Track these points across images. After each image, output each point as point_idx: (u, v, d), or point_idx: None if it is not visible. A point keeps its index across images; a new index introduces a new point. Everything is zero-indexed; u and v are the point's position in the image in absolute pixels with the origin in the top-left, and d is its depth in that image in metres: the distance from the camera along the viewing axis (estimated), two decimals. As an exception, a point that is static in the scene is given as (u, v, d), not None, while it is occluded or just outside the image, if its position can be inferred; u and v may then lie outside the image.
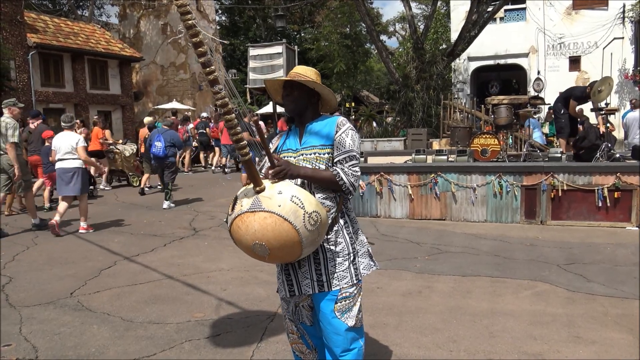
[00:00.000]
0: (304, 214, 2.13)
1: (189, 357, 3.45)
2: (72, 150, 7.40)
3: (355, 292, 2.47)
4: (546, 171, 7.44)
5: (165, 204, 9.50)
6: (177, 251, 6.36)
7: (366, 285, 3.69)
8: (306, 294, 2.47)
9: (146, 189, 11.56)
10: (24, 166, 7.77)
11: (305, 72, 2.50)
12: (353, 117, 23.23)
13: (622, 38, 19.04)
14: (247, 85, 14.96)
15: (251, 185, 2.23)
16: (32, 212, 7.88)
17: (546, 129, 14.47)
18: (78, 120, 11.62)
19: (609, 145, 8.16)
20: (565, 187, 7.32)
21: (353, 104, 26.63)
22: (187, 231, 7.50)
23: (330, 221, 2.40)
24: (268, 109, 22.03)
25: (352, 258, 2.48)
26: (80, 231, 7.45)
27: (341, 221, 2.48)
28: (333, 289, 2.42)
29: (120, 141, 14.50)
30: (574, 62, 20.03)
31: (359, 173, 2.43)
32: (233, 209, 2.25)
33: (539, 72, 19.76)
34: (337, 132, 2.43)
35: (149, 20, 26.95)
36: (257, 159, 3.64)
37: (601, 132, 8.58)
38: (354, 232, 2.54)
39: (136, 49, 25.83)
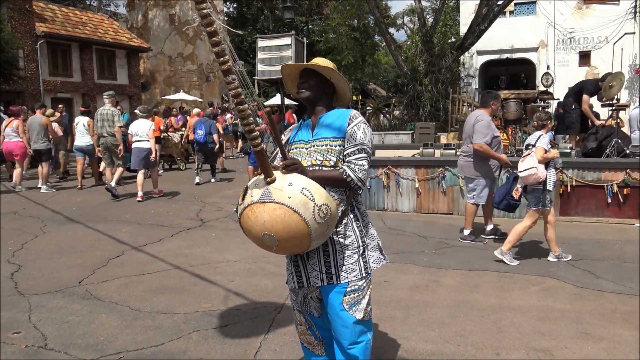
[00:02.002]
0: (313, 206, 2.12)
1: (196, 347, 3.46)
2: (146, 135, 9.22)
3: (364, 285, 2.46)
4: (555, 167, 7.37)
5: (213, 179, 11.73)
6: (184, 242, 6.38)
7: (373, 279, 3.68)
8: (315, 285, 2.47)
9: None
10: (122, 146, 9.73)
11: (324, 63, 2.50)
12: (360, 110, 23.18)
13: (634, 33, 18.85)
14: (255, 77, 14.94)
15: (262, 176, 2.23)
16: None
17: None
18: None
19: (619, 141, 8.09)
20: (574, 183, 7.27)
21: (360, 97, 26.56)
22: (194, 222, 7.52)
23: (339, 214, 2.39)
24: (275, 100, 21.99)
25: (361, 251, 2.47)
26: (154, 196, 9.46)
27: (351, 214, 2.48)
28: (342, 282, 2.41)
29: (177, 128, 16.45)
30: (584, 57, 19.87)
31: (366, 167, 2.40)
32: (243, 199, 2.24)
33: (548, 67, 19.61)
34: (349, 124, 2.42)
35: (157, 10, 26.92)
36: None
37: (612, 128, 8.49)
38: (363, 225, 2.53)
39: (144, 39, 25.85)
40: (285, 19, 19.25)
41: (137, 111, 9.82)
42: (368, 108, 21.19)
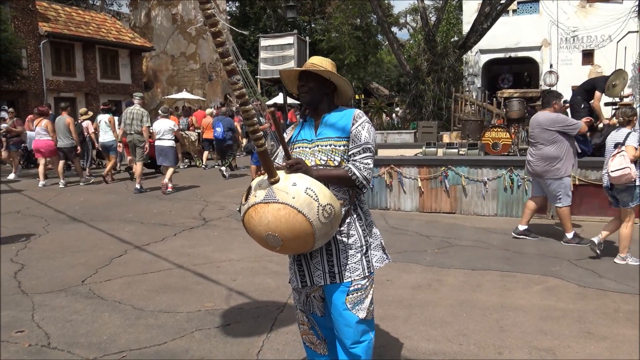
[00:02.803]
0: (317, 206, 2.12)
1: (199, 346, 3.47)
2: (168, 133, 10.06)
3: (367, 284, 2.46)
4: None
5: (226, 174, 12.14)
6: (187, 241, 6.39)
7: (376, 278, 3.68)
8: (318, 285, 2.47)
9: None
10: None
11: (321, 63, 2.49)
12: (363, 109, 23.16)
13: (637, 32, 18.78)
14: (258, 76, 14.94)
15: (265, 176, 2.23)
16: (139, 178, 10.30)
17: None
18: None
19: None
20: (577, 182, 7.26)
21: (363, 96, 26.54)
22: (197, 221, 7.53)
23: (343, 213, 2.39)
24: (278, 99, 22.01)
25: (364, 250, 2.47)
26: (168, 190, 9.98)
27: (354, 214, 2.48)
28: (345, 281, 2.42)
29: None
30: (587, 56, 19.80)
31: (372, 166, 2.40)
32: (247, 199, 2.24)
33: (551, 66, 19.56)
34: (353, 124, 2.42)
35: (159, 9, 26.93)
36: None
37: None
38: (366, 224, 2.53)
39: (147, 39, 25.87)
40: (287, 18, 19.26)
41: (159, 111, 10.72)
42: (368, 107, 21.19)
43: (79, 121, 12.80)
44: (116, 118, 12.53)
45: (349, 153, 2.40)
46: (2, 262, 5.43)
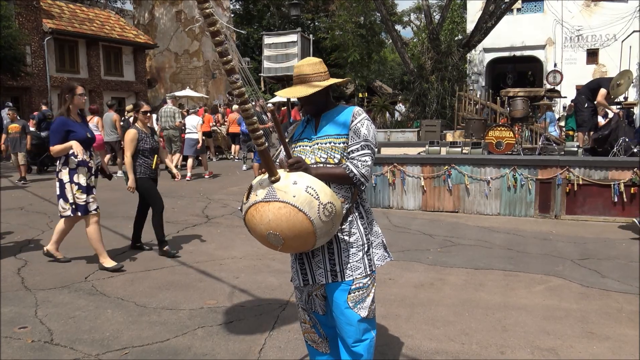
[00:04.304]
0: (318, 205, 2.12)
1: (201, 344, 3.48)
2: (195, 127, 11.76)
3: (368, 283, 2.46)
4: (562, 165, 7.36)
5: (245, 166, 13.13)
6: (189, 238, 6.39)
7: (378, 277, 3.69)
8: (320, 283, 2.47)
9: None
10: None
11: (314, 70, 2.43)
12: (366, 107, 23.11)
13: (642, 31, 18.71)
14: (262, 74, 14.95)
15: (266, 175, 2.23)
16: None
17: (562, 122, 14.31)
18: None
19: (627, 140, 8.04)
20: (580, 182, 7.24)
21: (366, 94, 26.46)
22: (200, 218, 7.54)
23: (344, 212, 2.39)
24: (281, 98, 21.98)
25: (366, 249, 2.47)
26: (204, 177, 11.74)
27: (355, 212, 2.48)
28: (346, 279, 2.41)
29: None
30: (592, 55, 19.74)
31: (370, 163, 2.38)
32: (248, 197, 2.24)
33: (555, 65, 19.52)
34: (352, 121, 2.42)
35: (163, 7, 26.94)
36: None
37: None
38: (368, 223, 2.53)
39: (150, 36, 25.90)
40: (291, 16, 19.24)
41: (188, 109, 12.79)
42: (372, 106, 21.17)
43: (126, 117, 13.66)
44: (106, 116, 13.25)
45: (348, 150, 2.40)
46: (6, 259, 5.45)
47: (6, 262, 5.35)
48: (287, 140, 2.48)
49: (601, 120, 10.48)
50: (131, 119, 13.19)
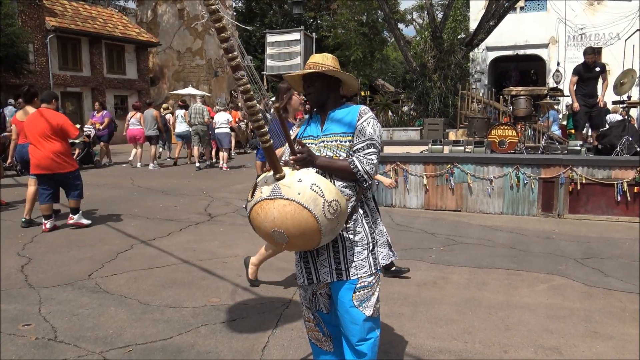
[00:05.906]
0: (323, 202, 2.12)
1: (205, 342, 3.48)
2: (225, 123, 13.06)
3: (373, 281, 2.46)
4: (565, 164, 7.35)
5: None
6: (192, 236, 6.40)
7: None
8: (324, 282, 2.47)
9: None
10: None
11: (324, 61, 2.47)
12: (369, 105, 23.09)
13: (646, 30, 18.64)
14: (264, 72, 14.97)
15: (271, 172, 2.23)
16: (196, 159, 13.51)
17: (564, 121, 14.28)
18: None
19: (630, 139, 8.03)
20: (583, 181, 7.23)
21: (369, 93, 26.46)
22: (203, 217, 7.54)
23: (349, 210, 2.39)
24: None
25: (371, 247, 2.47)
26: (223, 169, 12.95)
27: (360, 210, 2.47)
28: (351, 278, 2.41)
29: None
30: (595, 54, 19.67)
31: (375, 161, 2.39)
32: (253, 195, 2.24)
33: (558, 64, 19.45)
34: (358, 120, 2.42)
35: (166, 4, 26.94)
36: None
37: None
38: (373, 221, 2.53)
39: (153, 34, 25.90)
40: (294, 14, 19.25)
41: (217, 105, 14.20)
42: (374, 104, 21.16)
43: (162, 114, 15.02)
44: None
45: (354, 148, 2.40)
46: (9, 256, 5.46)
47: (10, 259, 5.36)
48: (291, 137, 2.48)
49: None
50: (167, 116, 15.04)
